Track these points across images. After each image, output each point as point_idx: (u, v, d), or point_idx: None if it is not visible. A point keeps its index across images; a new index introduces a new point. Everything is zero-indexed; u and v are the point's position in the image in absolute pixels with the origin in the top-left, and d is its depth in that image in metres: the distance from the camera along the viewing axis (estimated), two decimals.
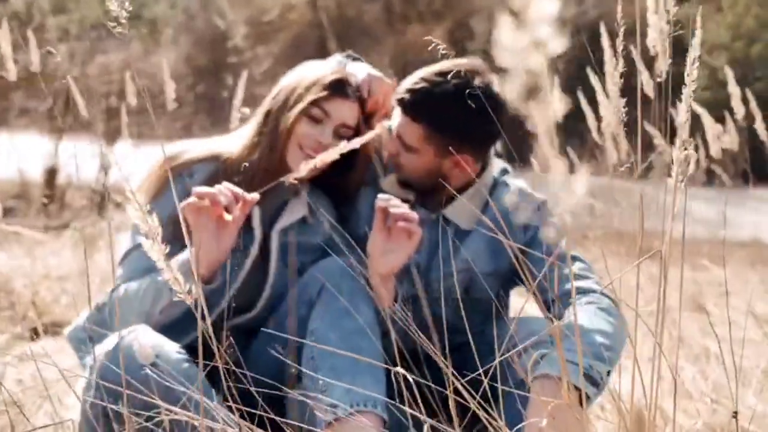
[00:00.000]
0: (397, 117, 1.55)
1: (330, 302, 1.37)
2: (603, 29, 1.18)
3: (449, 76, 1.48)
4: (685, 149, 1.05)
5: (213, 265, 1.38)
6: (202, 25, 13.76)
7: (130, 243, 1.52)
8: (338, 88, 1.53)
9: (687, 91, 1.06)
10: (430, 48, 1.48)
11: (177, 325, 1.42)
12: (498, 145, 1.67)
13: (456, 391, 1.14)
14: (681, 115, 1.05)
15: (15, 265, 2.95)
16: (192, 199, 1.35)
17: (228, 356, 1.47)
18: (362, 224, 1.59)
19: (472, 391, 1.14)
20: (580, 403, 1.25)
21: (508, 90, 0.50)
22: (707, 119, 2.66)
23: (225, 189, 1.36)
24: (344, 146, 1.30)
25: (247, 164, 1.52)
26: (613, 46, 1.14)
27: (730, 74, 2.21)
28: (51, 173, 6.68)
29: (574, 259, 1.55)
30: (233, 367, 1.27)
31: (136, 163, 1.72)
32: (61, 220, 5.27)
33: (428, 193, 1.58)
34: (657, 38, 1.14)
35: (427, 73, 1.52)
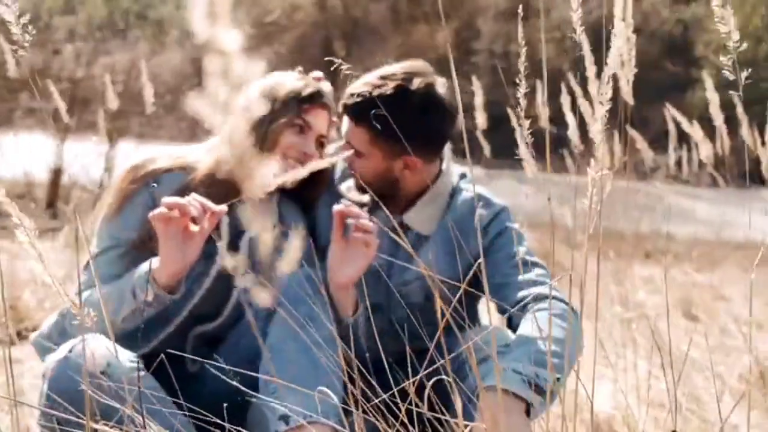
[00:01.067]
0: (346, 123, 1.58)
1: (288, 313, 1.38)
2: (583, 36, 1.16)
3: (389, 80, 1.51)
4: (602, 170, 1.05)
5: (176, 275, 1.39)
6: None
7: (96, 248, 1.53)
8: (317, 99, 1.56)
9: (600, 112, 1.06)
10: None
11: (141, 332, 1.43)
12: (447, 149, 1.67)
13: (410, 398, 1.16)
14: (596, 136, 1.04)
15: (9, 266, 2.92)
16: (161, 209, 1.36)
17: (190, 366, 1.49)
18: (321, 230, 1.61)
19: (437, 399, 1.17)
20: (527, 413, 1.27)
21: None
22: (689, 126, 2.63)
23: (194, 200, 1.38)
24: (314, 165, 1.33)
25: (216, 176, 1.53)
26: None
27: (709, 81, 2.18)
28: (55, 174, 6.68)
29: (534, 264, 1.56)
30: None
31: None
32: (62, 221, 5.27)
33: (386, 198, 1.57)
34: (623, 46, 1.15)
35: (369, 78, 1.54)
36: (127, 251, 1.51)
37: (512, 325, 1.52)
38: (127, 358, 1.34)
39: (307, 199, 1.67)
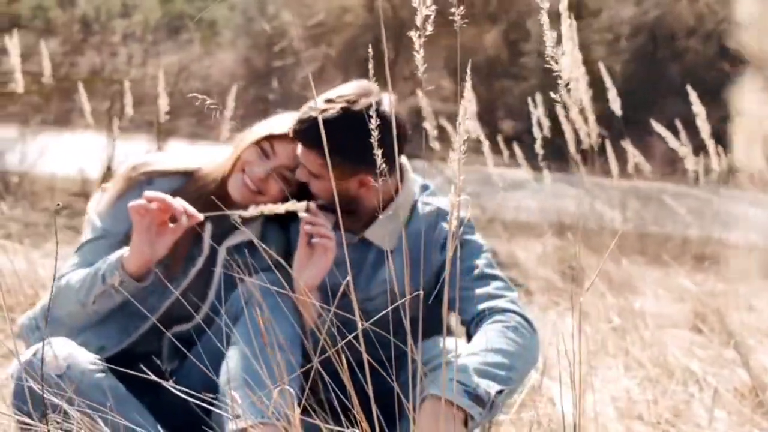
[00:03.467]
0: (298, 148, 1.62)
1: (251, 317, 1.46)
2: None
3: (334, 102, 1.56)
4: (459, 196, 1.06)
5: (143, 265, 1.49)
6: (259, 27, 13.94)
7: (86, 236, 1.64)
8: (295, 133, 1.59)
9: (458, 141, 1.12)
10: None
11: (121, 325, 1.55)
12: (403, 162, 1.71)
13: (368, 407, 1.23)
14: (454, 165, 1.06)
15: (40, 264, 3.00)
16: (141, 200, 1.46)
17: (165, 365, 1.59)
18: (294, 245, 1.68)
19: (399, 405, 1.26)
20: (465, 424, 1.31)
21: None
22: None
23: (177, 201, 1.49)
24: (287, 206, 1.46)
25: (209, 185, 1.64)
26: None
27: (757, 81, 2.10)
28: (107, 172, 6.84)
29: (493, 278, 1.59)
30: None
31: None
32: None
33: (349, 215, 1.62)
34: (572, 65, 1.18)
35: (315, 102, 1.58)
36: (115, 243, 1.60)
37: (470, 338, 1.55)
38: (87, 360, 1.44)
39: (287, 217, 1.71)
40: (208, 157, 1.71)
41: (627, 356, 2.47)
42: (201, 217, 1.50)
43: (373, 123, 1.34)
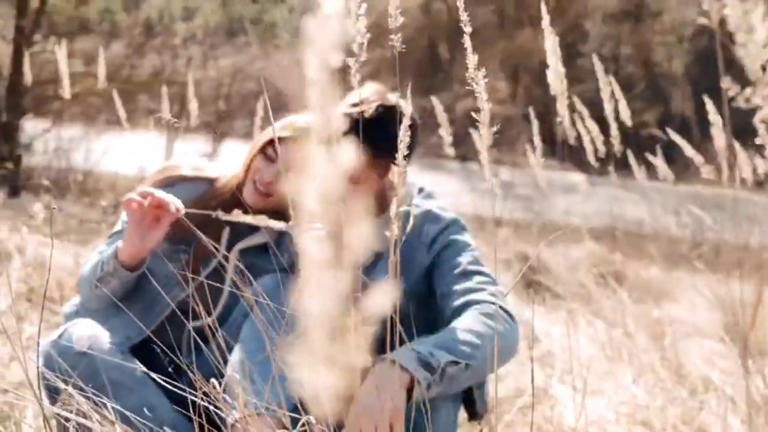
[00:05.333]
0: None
1: (257, 315, 1.52)
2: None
3: (366, 103, 1.57)
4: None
5: (135, 255, 1.59)
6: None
7: (117, 228, 1.77)
8: (298, 135, 1.68)
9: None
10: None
11: (139, 319, 1.64)
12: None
13: None
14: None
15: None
16: (133, 194, 1.56)
17: (185, 357, 1.65)
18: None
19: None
20: (411, 390, 1.36)
21: None
22: None
23: (168, 197, 1.57)
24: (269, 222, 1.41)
25: (228, 192, 1.74)
26: None
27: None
28: None
29: (476, 273, 1.61)
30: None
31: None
32: None
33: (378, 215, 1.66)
34: (554, 80, 1.20)
35: (345, 108, 1.58)
36: None
37: None
38: (110, 341, 1.54)
39: None
40: (225, 168, 1.81)
41: (641, 363, 2.44)
42: (183, 210, 1.59)
43: (404, 117, 1.35)
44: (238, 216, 1.41)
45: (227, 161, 1.87)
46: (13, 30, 6.42)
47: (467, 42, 1.28)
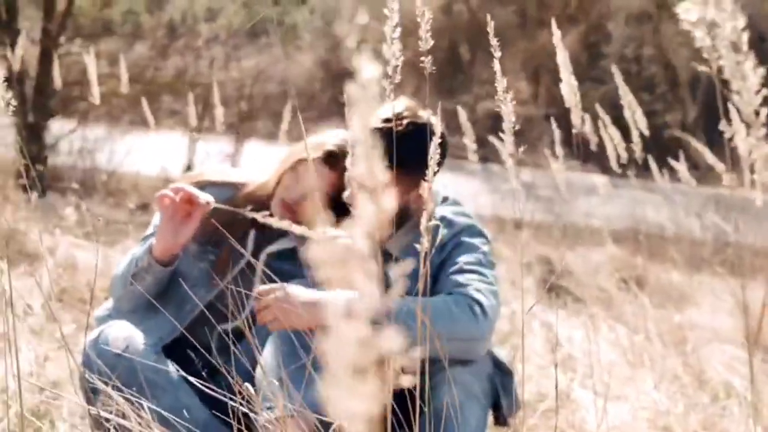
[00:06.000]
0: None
1: None
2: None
3: (398, 119, 1.61)
4: None
5: (167, 251, 1.65)
6: (336, 29, 14.12)
7: (149, 231, 1.81)
8: (327, 157, 1.71)
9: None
10: None
11: (170, 320, 1.68)
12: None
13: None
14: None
15: (118, 260, 3.13)
16: (166, 190, 1.61)
17: (215, 359, 1.68)
18: None
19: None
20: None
21: None
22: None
23: (200, 193, 1.62)
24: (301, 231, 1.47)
25: (256, 197, 1.77)
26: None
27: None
28: (187, 171, 7.08)
29: (471, 272, 1.63)
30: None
31: (265, 162, 1.90)
32: None
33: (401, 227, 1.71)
34: (568, 93, 1.27)
35: (375, 122, 1.62)
36: None
37: None
38: (144, 342, 1.59)
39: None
40: (254, 175, 1.85)
41: (663, 368, 2.43)
42: (214, 203, 1.63)
43: (434, 133, 1.37)
44: (265, 217, 1.44)
45: (251, 167, 1.91)
46: (40, 32, 6.51)
47: (496, 64, 1.29)
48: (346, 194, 1.70)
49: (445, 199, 1.81)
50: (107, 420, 1.41)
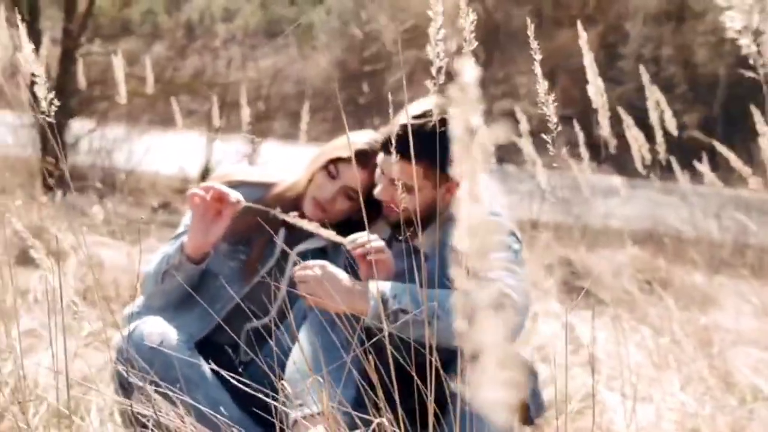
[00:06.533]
0: (395, 166, 1.66)
1: (316, 316, 1.59)
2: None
3: (428, 115, 1.62)
4: None
5: (199, 248, 1.67)
6: (354, 30, 14.15)
7: (180, 230, 1.83)
8: (357, 156, 1.73)
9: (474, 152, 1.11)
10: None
11: (200, 318, 1.71)
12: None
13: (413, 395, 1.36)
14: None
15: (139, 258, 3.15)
16: (197, 189, 1.64)
17: (243, 357, 1.72)
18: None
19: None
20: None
21: None
22: None
23: (231, 191, 1.65)
24: (330, 236, 1.55)
25: (287, 197, 1.80)
26: None
27: None
28: (205, 171, 7.13)
29: (509, 270, 1.63)
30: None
31: (283, 161, 1.92)
32: None
33: (407, 226, 1.72)
34: (595, 94, 1.27)
35: (405, 119, 1.63)
36: None
37: None
38: (178, 338, 1.60)
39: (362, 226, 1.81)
40: (284, 174, 1.88)
41: (690, 370, 2.41)
42: (244, 202, 1.66)
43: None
44: (295, 218, 1.46)
45: (276, 165, 1.93)
46: (60, 32, 6.58)
47: (537, 67, 1.32)
48: (376, 191, 1.71)
49: None
50: (144, 415, 1.42)
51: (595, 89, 1.43)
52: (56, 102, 1.43)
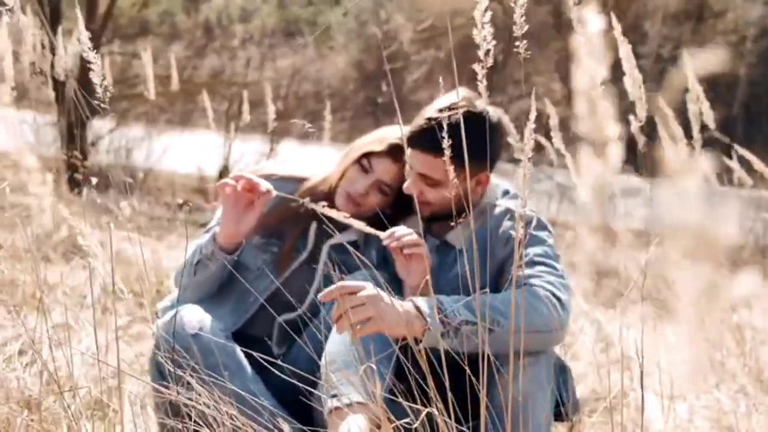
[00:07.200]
0: (417, 160, 1.68)
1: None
2: None
3: (454, 108, 1.62)
4: None
5: (231, 238, 1.67)
6: (371, 30, 14.16)
7: (213, 222, 1.83)
8: (391, 150, 1.74)
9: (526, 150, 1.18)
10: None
11: (232, 311, 1.72)
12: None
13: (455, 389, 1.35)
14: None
15: (165, 255, 3.19)
16: (228, 179, 1.64)
17: (275, 350, 1.73)
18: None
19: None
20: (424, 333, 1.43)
21: None
22: None
23: (261, 181, 1.64)
24: (366, 229, 1.51)
25: (319, 191, 1.80)
26: None
27: None
28: (222, 171, 7.17)
29: (541, 264, 1.64)
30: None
31: (302, 161, 1.93)
32: None
33: (438, 220, 1.74)
34: (632, 86, 1.26)
35: (431, 113, 1.65)
36: None
37: None
38: (216, 326, 1.60)
39: (394, 220, 1.83)
40: (316, 169, 1.88)
41: (722, 369, 2.40)
42: (275, 192, 1.66)
43: (491, 122, 1.38)
44: (328, 209, 1.45)
45: (314, 162, 1.93)
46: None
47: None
48: (405, 185, 1.72)
49: (506, 192, 1.83)
50: (185, 404, 1.42)
51: (633, 80, 1.41)
52: (81, 99, 1.45)
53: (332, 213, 1.43)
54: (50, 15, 6.14)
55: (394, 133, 1.78)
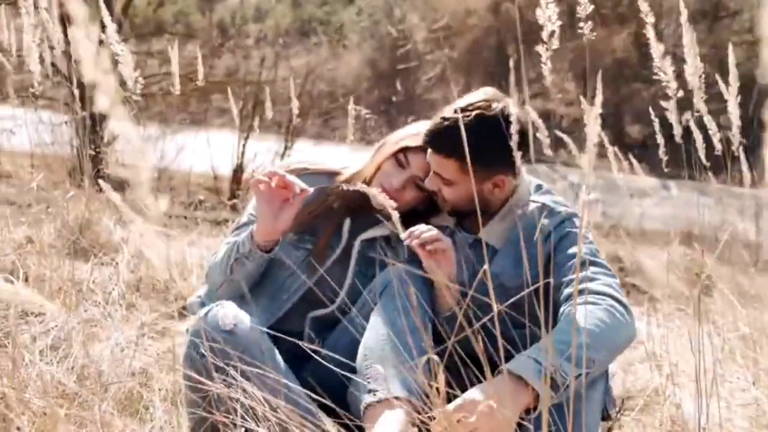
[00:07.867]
0: (431, 158, 1.69)
1: (387, 303, 1.58)
2: None
3: (467, 110, 1.62)
4: None
5: (268, 235, 1.65)
6: (384, 29, 14.17)
7: (243, 220, 1.82)
8: (431, 144, 1.69)
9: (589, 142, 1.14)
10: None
11: (265, 309, 1.71)
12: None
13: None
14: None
15: (186, 252, 3.21)
16: (260, 175, 1.61)
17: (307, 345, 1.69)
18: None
19: None
20: (535, 406, 1.37)
21: None
22: None
23: (293, 178, 1.63)
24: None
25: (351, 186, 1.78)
26: None
27: None
28: (237, 170, 7.19)
29: (592, 264, 1.62)
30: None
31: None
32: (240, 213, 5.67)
33: (469, 217, 1.73)
34: (692, 75, 1.24)
35: (447, 113, 1.65)
36: None
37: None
38: (251, 322, 1.58)
39: (426, 216, 1.82)
40: (349, 163, 1.86)
41: (756, 366, 2.38)
42: (310, 190, 1.64)
43: (513, 126, 1.38)
44: (376, 193, 1.42)
45: (346, 157, 1.93)
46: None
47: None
48: (426, 181, 1.72)
49: (539, 187, 1.81)
50: (230, 398, 1.42)
51: (694, 70, 1.40)
52: (91, 100, 1.46)
53: (379, 196, 1.40)
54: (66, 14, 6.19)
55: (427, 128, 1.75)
